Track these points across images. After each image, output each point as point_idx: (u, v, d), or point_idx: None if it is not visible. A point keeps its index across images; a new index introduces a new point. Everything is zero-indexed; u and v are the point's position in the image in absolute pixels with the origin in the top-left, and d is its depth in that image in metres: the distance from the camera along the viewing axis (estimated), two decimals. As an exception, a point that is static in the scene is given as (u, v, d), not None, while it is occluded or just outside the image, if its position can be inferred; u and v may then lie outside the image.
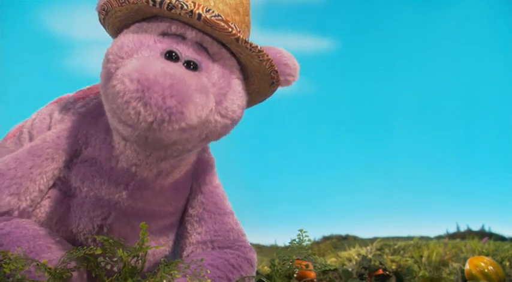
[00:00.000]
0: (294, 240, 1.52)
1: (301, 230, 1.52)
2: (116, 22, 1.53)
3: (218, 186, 1.76)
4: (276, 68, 1.51)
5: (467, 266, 2.15)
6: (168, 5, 1.37)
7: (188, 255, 1.65)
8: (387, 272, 2.37)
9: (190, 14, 1.38)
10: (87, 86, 1.76)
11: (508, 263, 3.82)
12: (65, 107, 1.69)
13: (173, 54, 1.40)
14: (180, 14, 1.39)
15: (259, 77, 1.56)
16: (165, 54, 1.40)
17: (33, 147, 1.59)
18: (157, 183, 1.60)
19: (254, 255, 1.67)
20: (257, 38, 1.58)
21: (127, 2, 1.42)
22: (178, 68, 1.34)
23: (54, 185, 1.60)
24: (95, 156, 1.58)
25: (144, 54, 1.39)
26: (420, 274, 3.05)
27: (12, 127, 1.92)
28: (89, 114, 1.61)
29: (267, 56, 1.48)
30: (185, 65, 1.41)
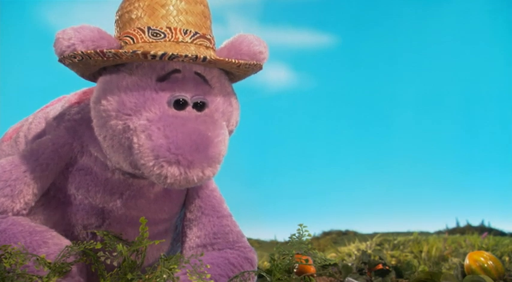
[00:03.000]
0: (294, 235, 1.53)
1: (301, 225, 1.52)
2: (89, 67, 1.47)
3: (215, 189, 1.76)
4: (255, 63, 1.51)
5: (466, 261, 2.15)
6: (170, 56, 1.34)
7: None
8: (387, 267, 2.37)
9: (195, 59, 1.36)
10: (82, 90, 1.74)
11: (507, 258, 3.83)
12: (61, 112, 1.67)
13: (180, 101, 1.40)
14: (183, 60, 1.38)
15: (243, 75, 1.59)
16: (173, 104, 1.39)
17: (29, 151, 1.59)
18: (151, 191, 1.63)
19: (254, 256, 1.67)
20: (257, 34, 1.58)
21: (117, 58, 1.37)
22: (197, 125, 1.37)
23: (48, 192, 1.61)
24: (90, 166, 1.58)
25: (153, 110, 1.37)
26: (420, 269, 3.06)
27: (10, 127, 1.92)
28: (84, 122, 1.59)
29: (249, 63, 1.49)
30: (195, 108, 1.41)
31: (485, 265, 2.10)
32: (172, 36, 1.43)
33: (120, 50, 1.36)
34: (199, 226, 1.70)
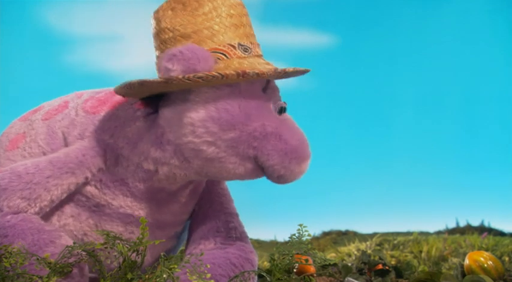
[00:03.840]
0: (294, 235, 1.53)
1: (300, 225, 1.53)
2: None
3: (225, 188, 1.81)
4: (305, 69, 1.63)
5: (466, 261, 2.15)
6: (286, 73, 1.49)
7: (191, 253, 1.67)
8: (387, 267, 2.38)
9: (300, 72, 1.56)
10: (94, 98, 1.71)
11: (507, 258, 3.84)
12: (82, 122, 1.66)
13: (282, 109, 1.54)
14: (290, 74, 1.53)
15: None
16: (278, 110, 1.53)
17: (55, 158, 1.59)
18: (183, 195, 1.67)
19: (256, 258, 1.69)
20: (257, 34, 1.59)
21: (259, 77, 1.42)
22: (297, 125, 1.56)
23: (77, 202, 1.61)
24: (126, 176, 1.59)
25: (268, 117, 1.49)
26: (420, 269, 3.06)
27: (5, 133, 1.84)
28: (118, 133, 1.59)
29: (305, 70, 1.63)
30: (285, 112, 1.56)
31: (485, 265, 2.10)
32: (255, 50, 1.51)
33: (263, 70, 1.41)
34: (205, 220, 1.73)
